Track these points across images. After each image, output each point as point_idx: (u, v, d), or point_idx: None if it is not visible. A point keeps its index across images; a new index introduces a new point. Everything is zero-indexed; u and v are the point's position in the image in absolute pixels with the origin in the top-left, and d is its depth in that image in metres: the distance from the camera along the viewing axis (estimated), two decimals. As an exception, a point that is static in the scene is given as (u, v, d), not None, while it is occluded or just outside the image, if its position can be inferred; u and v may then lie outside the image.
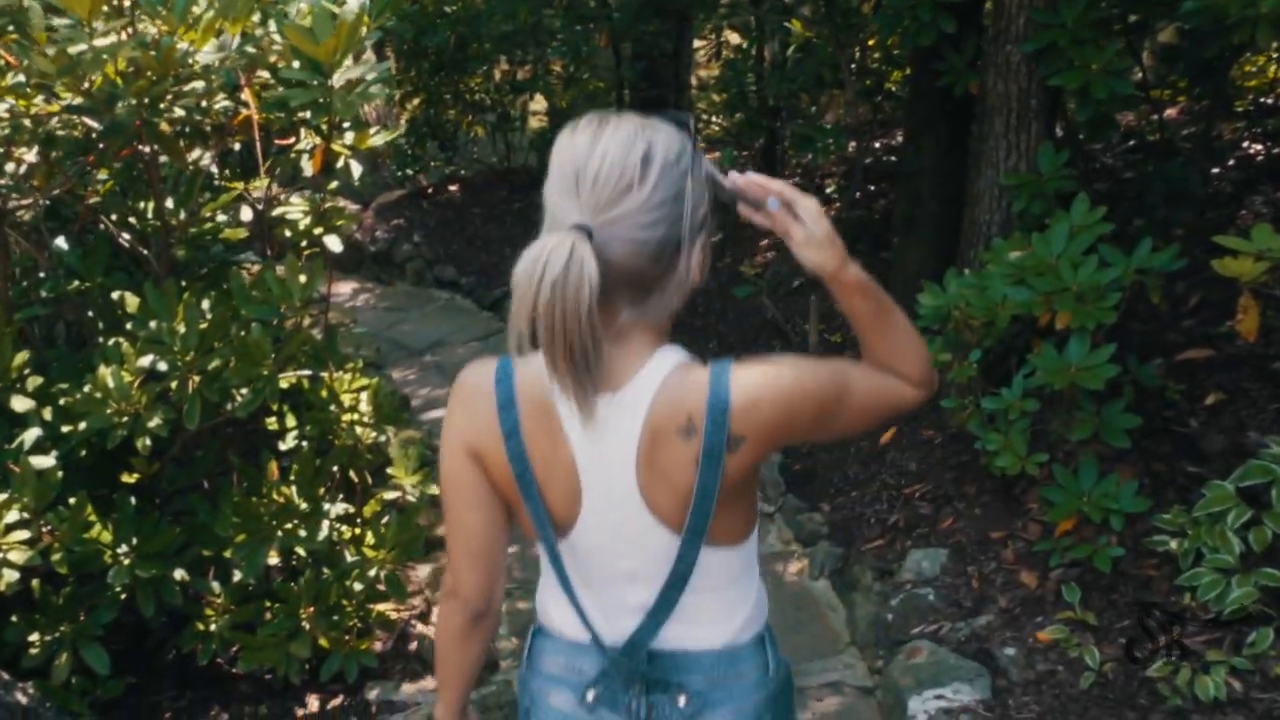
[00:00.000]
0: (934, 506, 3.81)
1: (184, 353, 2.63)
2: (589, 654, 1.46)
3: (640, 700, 1.43)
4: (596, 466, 1.34)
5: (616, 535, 1.37)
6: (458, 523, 1.44)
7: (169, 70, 2.13)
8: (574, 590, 1.45)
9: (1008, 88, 3.75)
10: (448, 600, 1.50)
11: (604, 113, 1.31)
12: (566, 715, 1.48)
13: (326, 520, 3.08)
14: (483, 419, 1.36)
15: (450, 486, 1.42)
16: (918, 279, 4.52)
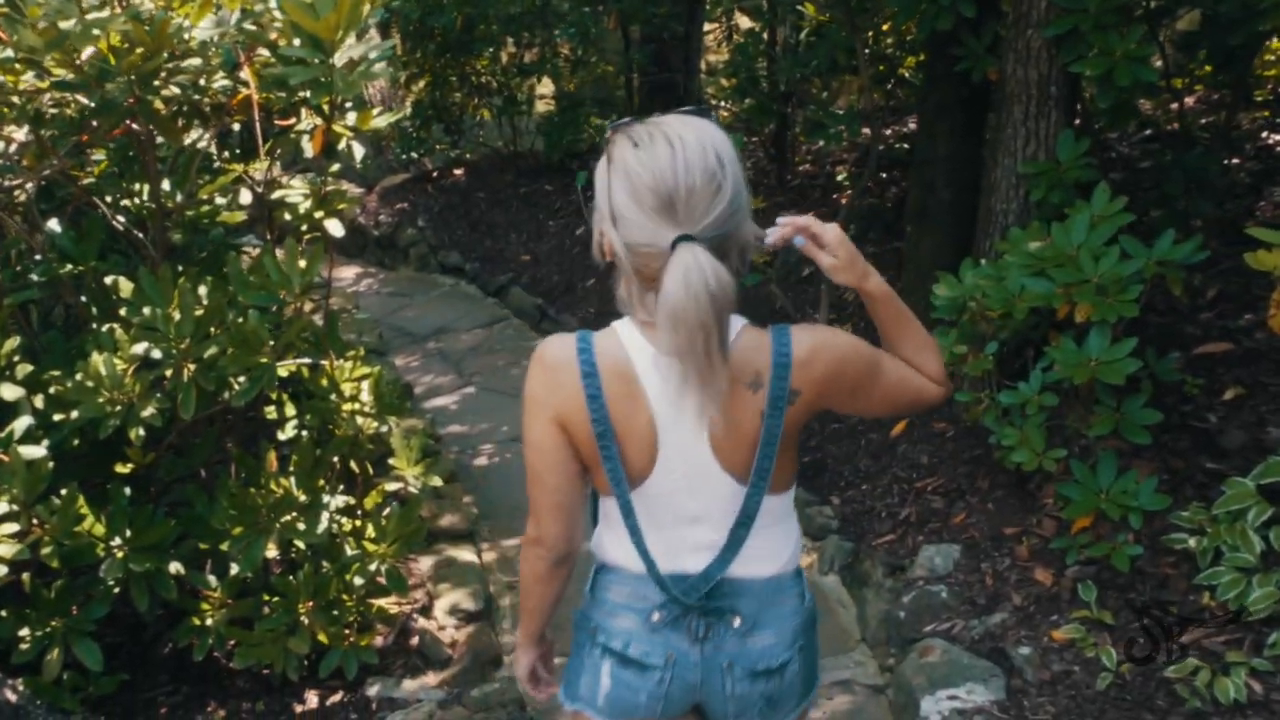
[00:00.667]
0: (946, 501, 3.73)
1: (179, 340, 2.55)
2: (652, 584, 1.67)
3: (699, 621, 1.67)
4: (675, 424, 1.55)
5: (686, 483, 1.59)
6: (543, 483, 1.62)
7: (163, 46, 2.05)
8: (642, 534, 1.64)
9: (1027, 74, 3.65)
10: (532, 547, 1.70)
11: (649, 121, 1.49)
12: (632, 634, 1.68)
13: (326, 513, 3.00)
14: (567, 389, 1.54)
15: (537, 452, 1.60)
16: (932, 269, 4.43)
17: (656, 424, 1.55)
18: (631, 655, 1.68)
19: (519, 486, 4.44)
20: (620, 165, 1.46)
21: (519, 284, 6.62)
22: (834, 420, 4.34)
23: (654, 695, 1.68)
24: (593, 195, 1.54)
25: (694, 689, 1.69)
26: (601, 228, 1.51)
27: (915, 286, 4.49)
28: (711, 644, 1.67)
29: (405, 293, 7.08)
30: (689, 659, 1.67)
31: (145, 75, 2.13)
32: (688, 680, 1.68)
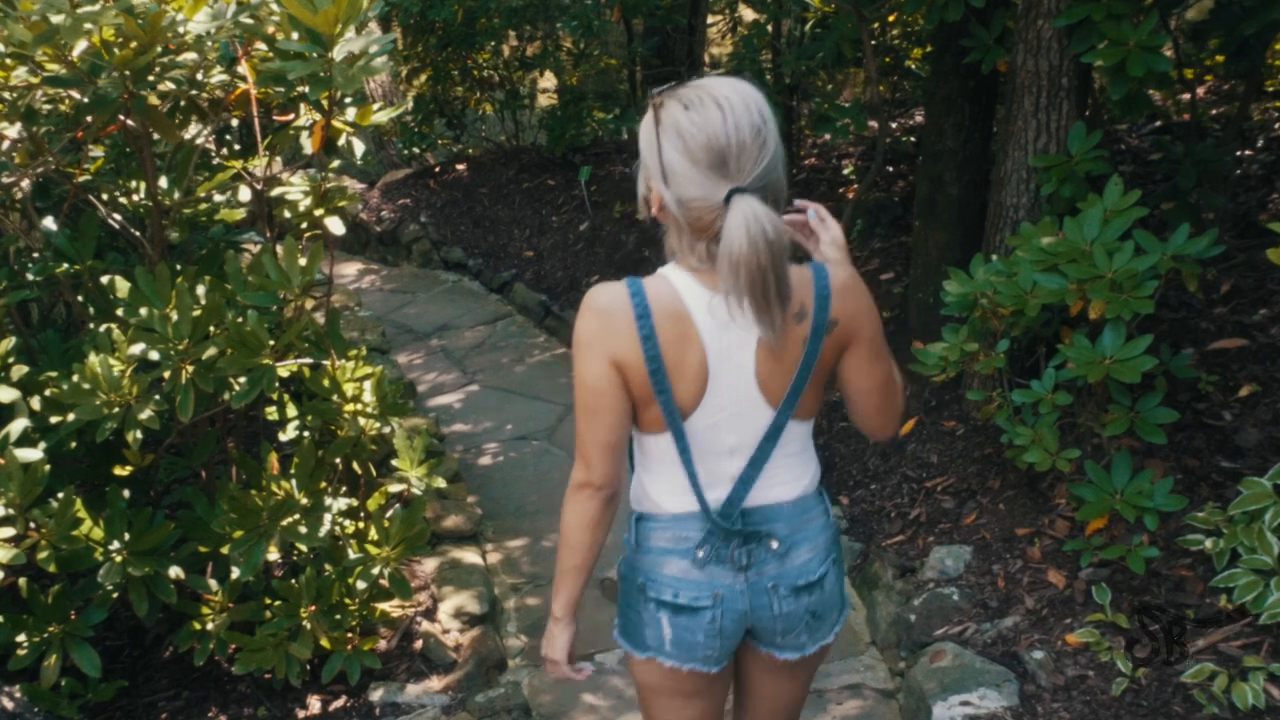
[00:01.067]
0: (957, 501, 3.68)
1: (177, 340, 2.50)
2: (693, 522, 1.77)
3: (740, 550, 1.77)
4: (726, 359, 1.67)
5: (729, 416, 1.71)
6: (597, 421, 1.69)
7: (156, 39, 1.99)
8: (695, 466, 1.74)
9: (1038, 65, 3.59)
10: (580, 491, 1.75)
11: (692, 84, 1.58)
12: (680, 581, 1.78)
13: (328, 515, 2.96)
14: (621, 331, 1.63)
15: (591, 393, 1.67)
16: (939, 264, 4.39)
17: (709, 361, 1.67)
18: (682, 603, 1.79)
19: (524, 486, 4.42)
20: (672, 126, 1.55)
21: (522, 280, 6.56)
22: (842, 419, 4.29)
23: (709, 633, 1.81)
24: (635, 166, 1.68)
25: (744, 616, 1.82)
26: (651, 185, 1.62)
27: (923, 282, 4.44)
28: (754, 570, 1.79)
29: (408, 289, 7.02)
30: (735, 590, 1.79)
31: (138, 70, 2.08)
32: (737, 610, 1.81)
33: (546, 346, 5.87)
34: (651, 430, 1.73)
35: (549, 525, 4.11)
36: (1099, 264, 3.04)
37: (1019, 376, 3.48)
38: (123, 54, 1.97)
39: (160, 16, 1.97)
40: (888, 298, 4.69)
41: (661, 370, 1.65)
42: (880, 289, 4.75)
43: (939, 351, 3.40)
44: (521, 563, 3.89)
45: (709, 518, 1.76)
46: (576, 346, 1.69)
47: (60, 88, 2.14)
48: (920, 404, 4.17)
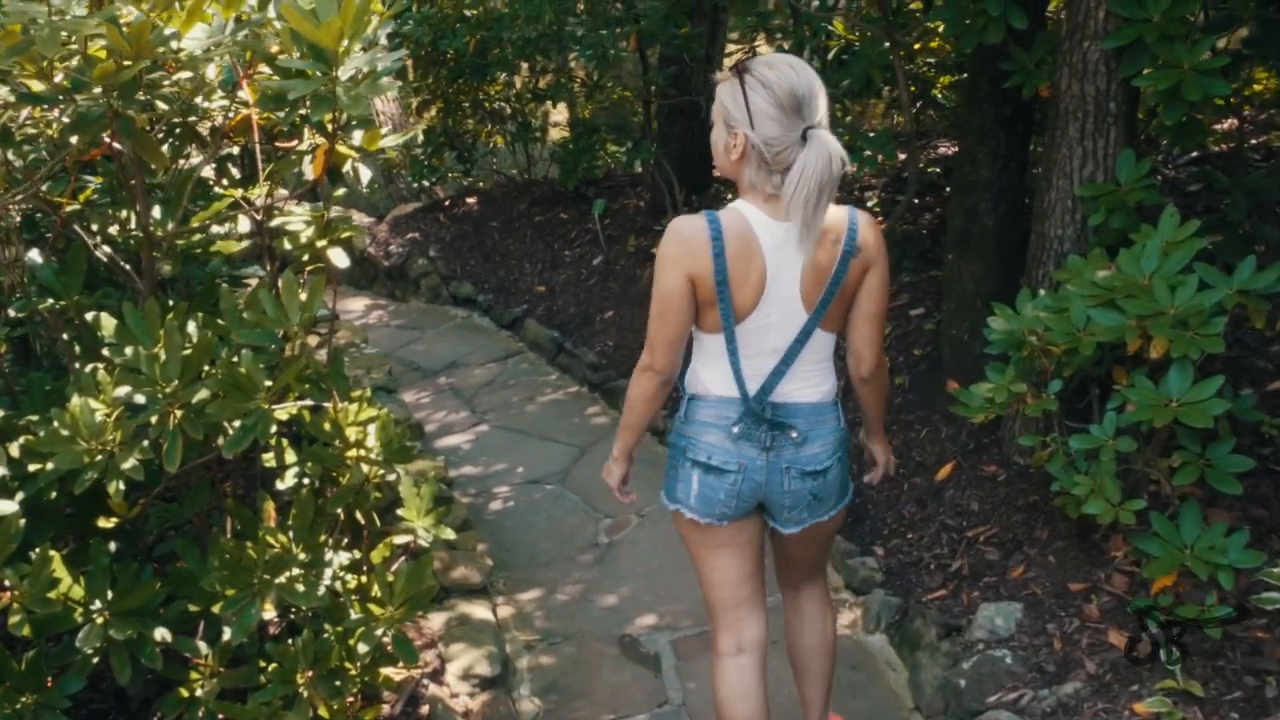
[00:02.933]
0: (1002, 552, 3.44)
1: (164, 382, 2.29)
2: (732, 405, 2.25)
3: (767, 434, 2.25)
4: (779, 274, 2.13)
5: (776, 321, 2.18)
6: (666, 323, 2.18)
7: (142, 53, 1.80)
8: (739, 361, 2.22)
9: (1084, 89, 3.39)
10: (645, 373, 2.26)
11: (761, 59, 2.12)
12: (715, 447, 2.27)
13: (329, 570, 2.73)
14: (698, 251, 2.11)
15: (665, 301, 2.16)
16: (975, 300, 4.18)
17: (767, 275, 2.13)
18: (714, 464, 2.28)
19: (536, 534, 4.19)
20: (759, 82, 2.07)
21: (534, 316, 6.36)
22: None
23: (729, 493, 2.29)
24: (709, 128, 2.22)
25: (759, 487, 2.30)
26: (736, 133, 2.10)
27: (957, 317, 4.22)
28: (775, 452, 2.27)
29: (416, 325, 6.83)
30: (756, 464, 2.27)
31: (124, 86, 1.88)
32: (755, 480, 2.28)
33: (559, 385, 5.65)
34: (710, 330, 2.22)
35: (563, 577, 3.87)
36: (1160, 299, 2.82)
37: (1069, 419, 3.25)
38: (103, 67, 1.77)
39: (146, 27, 1.77)
40: (918, 335, 4.47)
41: (726, 284, 2.13)
42: (910, 325, 4.54)
43: (984, 393, 3.18)
44: (535, 617, 3.65)
45: (746, 403, 2.25)
46: (660, 261, 2.16)
47: (38, 105, 1.95)
48: (957, 447, 3.93)
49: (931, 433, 4.04)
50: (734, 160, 2.13)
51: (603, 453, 4.75)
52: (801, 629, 2.65)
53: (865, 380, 2.41)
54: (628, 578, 3.84)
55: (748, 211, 2.12)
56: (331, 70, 2.21)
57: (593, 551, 4.03)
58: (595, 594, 3.76)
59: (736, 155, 2.11)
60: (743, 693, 2.43)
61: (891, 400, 4.27)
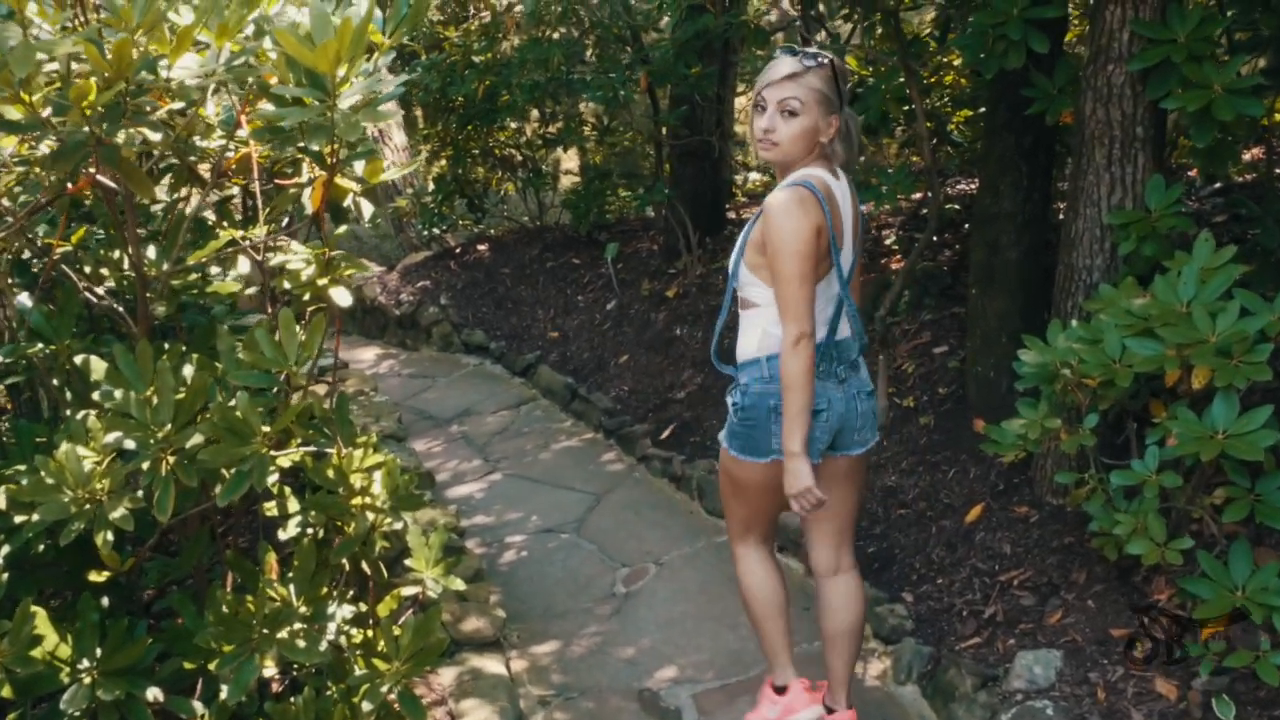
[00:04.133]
0: (1038, 597, 3.28)
1: (156, 427, 2.18)
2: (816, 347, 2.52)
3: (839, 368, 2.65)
4: (846, 225, 2.60)
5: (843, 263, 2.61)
6: (806, 286, 2.46)
7: (124, 74, 1.70)
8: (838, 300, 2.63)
9: (1109, 114, 3.29)
10: (802, 342, 2.46)
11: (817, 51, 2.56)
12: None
13: (332, 624, 2.60)
14: (815, 211, 2.47)
15: (804, 260, 2.44)
16: (999, 334, 4.04)
17: (844, 225, 2.60)
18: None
19: (551, 585, 4.04)
20: (830, 74, 2.53)
21: (547, 362, 6.25)
22: (900, 505, 3.91)
23: (823, 429, 2.62)
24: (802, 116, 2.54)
25: (842, 416, 2.65)
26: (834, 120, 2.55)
27: (982, 354, 4.09)
28: (846, 383, 2.67)
29: (427, 374, 6.72)
30: (836, 397, 2.63)
31: (107, 111, 1.79)
32: (839, 412, 2.64)
33: (573, 431, 5.52)
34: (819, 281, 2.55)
35: (579, 629, 3.72)
36: (1200, 326, 2.69)
37: (1105, 456, 3.10)
38: (80, 85, 1.68)
39: (127, 46, 1.68)
40: (942, 373, 4.33)
41: (833, 231, 2.53)
42: (934, 364, 4.40)
43: (1015, 429, 3.04)
44: (550, 671, 3.49)
45: (824, 346, 2.59)
46: (785, 233, 2.44)
47: (14, 134, 1.86)
48: (986, 488, 3.78)
49: (959, 473, 3.89)
50: (826, 140, 2.56)
51: (619, 500, 4.62)
52: (844, 610, 2.86)
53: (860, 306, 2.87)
54: (646, 629, 3.69)
55: (827, 177, 2.55)
56: (329, 97, 2.12)
57: (610, 602, 3.88)
58: (613, 646, 3.61)
59: (829, 136, 2.56)
60: (770, 570, 2.90)
61: (917, 440, 4.13)
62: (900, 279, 4.29)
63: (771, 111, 2.53)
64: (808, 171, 2.52)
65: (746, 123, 9.78)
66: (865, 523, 3.91)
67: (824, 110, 2.51)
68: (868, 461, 2.90)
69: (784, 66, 2.52)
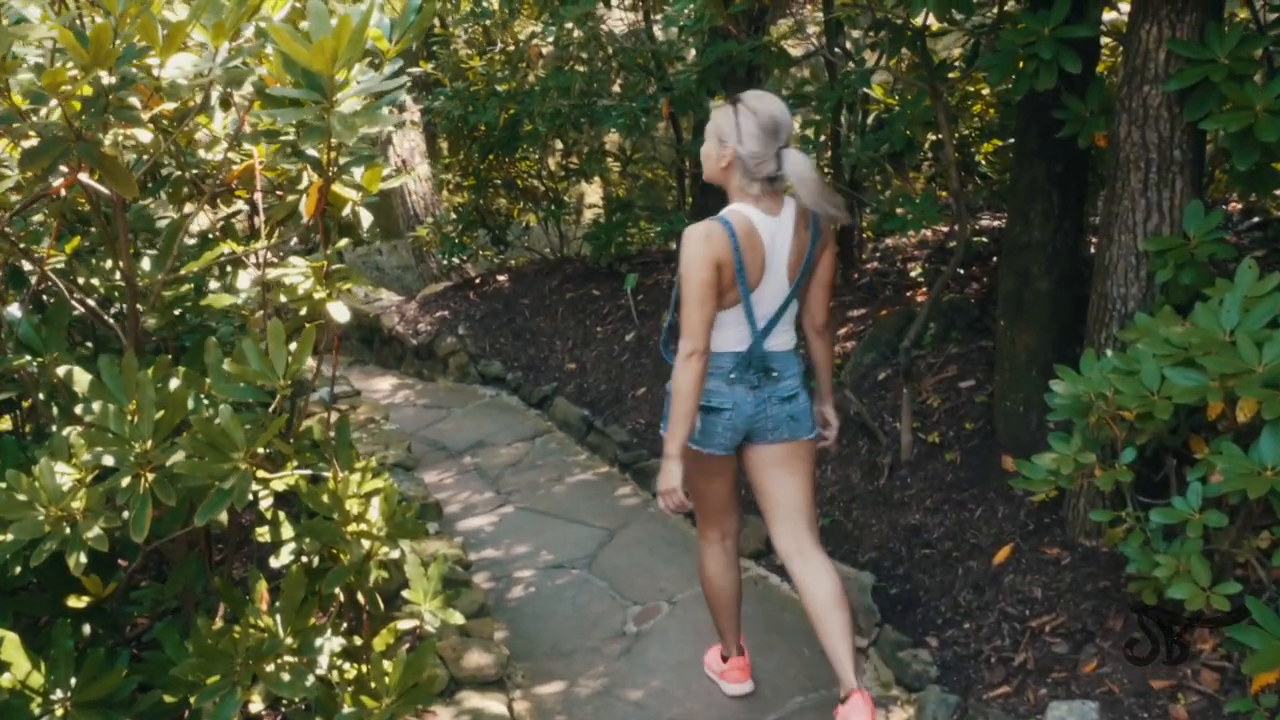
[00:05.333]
0: (1071, 645, 3.10)
1: (135, 442, 2.06)
2: (729, 359, 2.90)
3: (755, 376, 2.93)
4: (773, 257, 2.83)
5: (770, 294, 2.87)
6: (705, 307, 2.75)
7: (102, 62, 1.61)
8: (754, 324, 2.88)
9: (1145, 137, 3.15)
10: (692, 357, 2.78)
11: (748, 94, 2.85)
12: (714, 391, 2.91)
13: (324, 657, 2.46)
14: (719, 246, 2.74)
15: (703, 287, 2.74)
16: (1029, 368, 3.89)
17: (766, 258, 2.82)
18: (713, 405, 2.91)
19: (559, 622, 3.89)
20: (749, 109, 2.78)
21: (563, 394, 6.12)
22: (925, 545, 3.74)
23: (725, 426, 2.94)
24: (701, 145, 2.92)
25: (749, 419, 2.95)
26: (730, 146, 2.78)
27: (1011, 388, 3.93)
28: (760, 390, 2.94)
29: (443, 404, 6.61)
30: (746, 400, 2.93)
31: (87, 103, 1.69)
32: (746, 414, 2.94)
33: (588, 465, 5.38)
34: (726, 307, 2.83)
35: (587, 668, 3.56)
36: (1245, 356, 2.53)
37: (1142, 494, 2.94)
38: (54, 73, 1.58)
39: (106, 32, 1.58)
40: (969, 408, 4.17)
41: (741, 265, 2.77)
42: (960, 399, 4.24)
43: (1047, 464, 2.88)
44: (555, 713, 3.34)
45: (744, 356, 2.91)
46: (691, 261, 2.74)
47: (-13, 126, 1.76)
48: (1015, 528, 3.61)
49: (987, 512, 3.73)
50: (722, 168, 2.84)
51: (633, 536, 4.48)
52: (817, 587, 2.97)
53: (820, 331, 3.08)
54: (657, 670, 3.52)
55: (747, 211, 2.81)
56: (325, 98, 2.02)
57: (619, 641, 3.72)
58: (621, 688, 3.45)
59: (724, 165, 2.82)
60: (727, 565, 3.22)
61: (943, 477, 3.97)
62: (925, 311, 4.15)
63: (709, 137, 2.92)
64: (734, 207, 2.83)
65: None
66: (888, 563, 3.74)
67: (715, 141, 2.83)
68: (809, 453, 3.08)
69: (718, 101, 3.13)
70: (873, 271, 5.76)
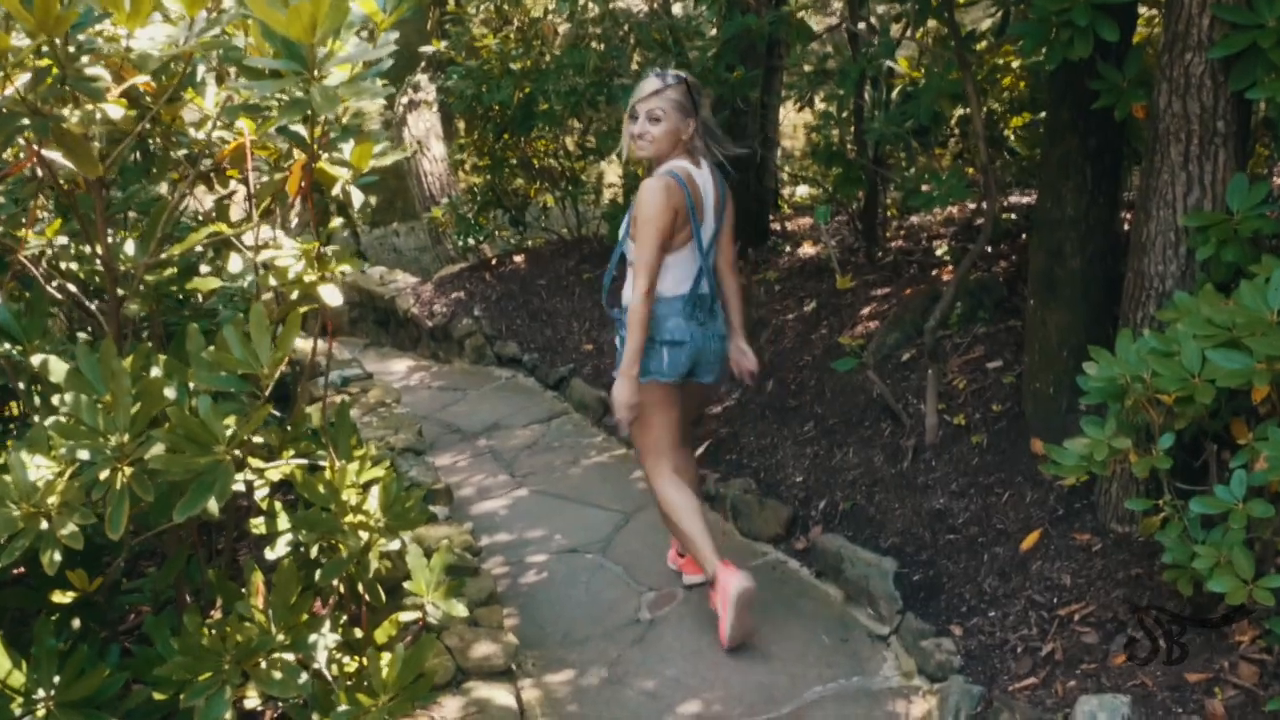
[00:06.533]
0: (1101, 635, 2.96)
1: (111, 435, 1.96)
2: (680, 300, 3.36)
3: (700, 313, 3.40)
4: (706, 201, 3.37)
5: (708, 233, 3.38)
6: (657, 250, 3.24)
7: (49, 27, 1.49)
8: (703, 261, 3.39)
9: (1186, 107, 2.98)
10: (649, 295, 3.26)
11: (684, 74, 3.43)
12: (675, 328, 3.35)
13: (321, 652, 2.37)
14: (677, 195, 3.24)
15: (660, 233, 3.22)
16: (1060, 348, 3.73)
17: (705, 204, 3.36)
18: (676, 339, 3.35)
19: (572, 608, 3.78)
20: (686, 89, 3.33)
21: (580, 375, 6.00)
22: (950, 530, 3.60)
23: (686, 357, 3.38)
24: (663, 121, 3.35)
25: (700, 350, 3.41)
26: (691, 123, 3.34)
27: (1040, 369, 3.78)
28: (705, 326, 3.41)
29: (458, 387, 6.51)
30: (697, 334, 3.38)
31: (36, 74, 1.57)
32: (698, 346, 3.39)
33: (604, 447, 5.27)
34: (676, 249, 3.31)
35: (599, 656, 3.46)
36: (1293, 337, 2.38)
37: (1178, 480, 2.79)
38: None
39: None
40: (997, 389, 4.03)
41: (693, 210, 3.29)
42: (987, 379, 4.10)
43: (1079, 450, 2.74)
44: (565, 703, 3.24)
45: (691, 295, 3.37)
46: (649, 209, 3.21)
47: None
48: (1044, 513, 3.47)
49: (1014, 497, 3.58)
50: (684, 139, 3.35)
51: (648, 520, 4.36)
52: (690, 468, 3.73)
53: (731, 268, 3.57)
54: (671, 659, 3.42)
55: (686, 166, 3.34)
56: (306, 69, 1.90)
57: (633, 629, 3.61)
58: (634, 677, 3.34)
59: (687, 136, 3.35)
60: (684, 487, 3.51)
61: (968, 460, 3.83)
62: (951, 289, 4.00)
63: (643, 119, 3.34)
64: (674, 164, 3.32)
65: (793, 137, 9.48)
66: (911, 549, 3.61)
67: (681, 115, 3.32)
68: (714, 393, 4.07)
69: (650, 85, 3.34)
70: (897, 250, 5.60)
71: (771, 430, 4.60)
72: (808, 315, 5.23)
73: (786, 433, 4.53)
